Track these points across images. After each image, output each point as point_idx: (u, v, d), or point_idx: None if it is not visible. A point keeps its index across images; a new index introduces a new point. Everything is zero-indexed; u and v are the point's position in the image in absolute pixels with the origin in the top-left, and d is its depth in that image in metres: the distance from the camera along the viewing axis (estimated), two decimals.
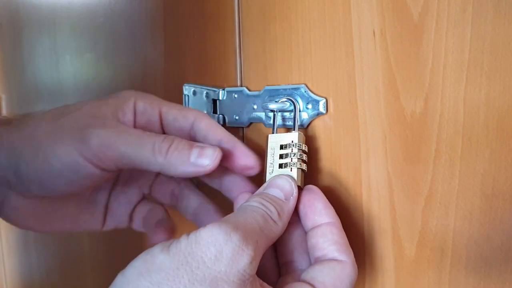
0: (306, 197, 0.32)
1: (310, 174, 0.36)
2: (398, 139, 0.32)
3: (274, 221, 0.29)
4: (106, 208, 0.38)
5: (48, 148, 0.31)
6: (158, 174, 0.39)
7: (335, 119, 0.35)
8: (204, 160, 0.31)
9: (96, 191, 0.38)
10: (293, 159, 0.32)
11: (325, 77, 0.35)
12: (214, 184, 0.37)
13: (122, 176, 0.39)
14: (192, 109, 0.36)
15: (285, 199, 0.31)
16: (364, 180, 0.34)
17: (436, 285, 0.32)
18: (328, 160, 0.36)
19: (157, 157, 0.31)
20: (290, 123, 0.36)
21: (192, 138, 0.35)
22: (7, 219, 0.35)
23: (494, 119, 0.29)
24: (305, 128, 0.36)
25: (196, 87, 0.42)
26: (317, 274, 0.28)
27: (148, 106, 0.35)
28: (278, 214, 0.29)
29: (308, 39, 0.35)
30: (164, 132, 0.35)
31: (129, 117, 0.34)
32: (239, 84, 0.40)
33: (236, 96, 0.40)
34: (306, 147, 0.34)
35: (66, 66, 0.57)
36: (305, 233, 0.32)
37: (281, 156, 0.33)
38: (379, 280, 0.35)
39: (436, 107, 0.31)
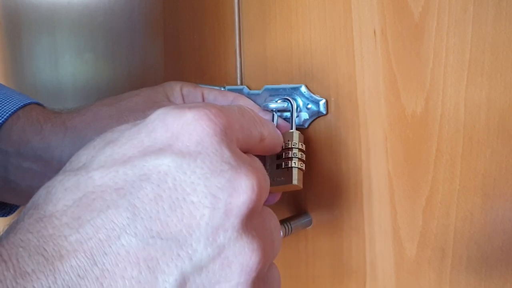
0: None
1: (311, 174, 0.36)
2: (398, 139, 0.32)
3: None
4: None
5: (113, 127, 0.32)
6: None
7: (335, 119, 0.35)
8: None
9: None
10: (293, 159, 0.32)
11: (326, 77, 0.35)
12: None
13: None
14: (231, 92, 0.38)
15: None
16: (365, 180, 0.34)
17: (437, 286, 0.32)
18: (328, 160, 0.36)
19: None
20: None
21: None
22: None
23: (495, 119, 0.29)
24: (305, 128, 0.36)
25: None
26: None
27: (192, 89, 0.37)
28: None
29: (308, 39, 0.35)
30: None
31: (179, 101, 0.36)
32: (239, 83, 0.40)
33: None
34: (304, 146, 0.34)
35: (65, 65, 0.57)
36: None
37: (278, 157, 0.33)
38: (379, 280, 0.35)
39: (437, 107, 0.30)
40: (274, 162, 0.33)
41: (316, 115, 0.36)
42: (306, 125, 0.36)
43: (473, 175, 0.30)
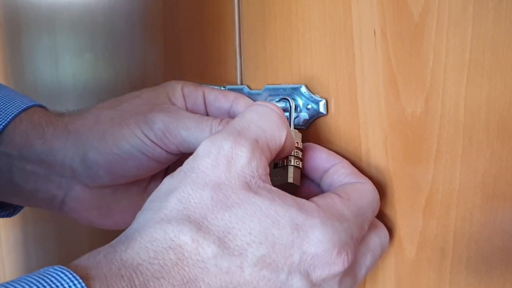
0: (308, 154, 0.33)
1: None
2: (398, 139, 0.32)
3: (279, 123, 0.29)
4: None
5: (115, 131, 0.33)
6: None
7: (335, 120, 0.35)
8: None
9: (153, 179, 0.38)
10: (288, 157, 0.32)
11: (326, 77, 0.35)
12: None
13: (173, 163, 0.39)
14: (232, 91, 0.37)
15: None
16: None
17: (437, 285, 0.32)
18: None
19: None
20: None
21: (231, 116, 0.36)
22: (71, 212, 0.35)
23: (495, 119, 0.29)
24: (305, 129, 0.36)
25: None
26: (338, 188, 0.30)
27: (193, 89, 0.36)
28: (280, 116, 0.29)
29: (308, 39, 0.35)
30: (206, 112, 0.37)
31: (180, 102, 0.36)
32: (239, 83, 0.40)
33: None
34: (302, 144, 0.34)
35: (65, 66, 0.57)
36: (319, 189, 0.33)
37: None
38: (379, 280, 0.35)
39: (437, 107, 0.30)
40: (272, 162, 0.33)
41: (316, 116, 0.36)
42: (306, 126, 0.36)
43: (473, 175, 0.30)
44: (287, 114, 0.36)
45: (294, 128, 0.35)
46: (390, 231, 0.34)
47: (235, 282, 0.23)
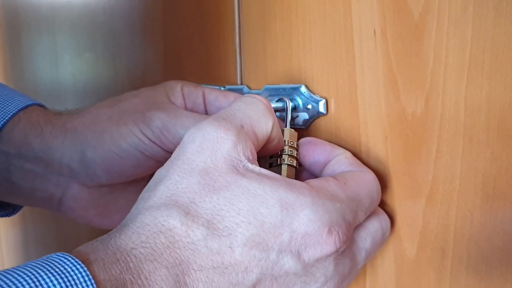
0: (310, 150, 0.33)
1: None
2: (398, 139, 0.32)
3: (264, 110, 0.29)
4: None
5: (113, 130, 0.33)
6: None
7: (335, 119, 0.35)
8: None
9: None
10: (282, 156, 0.32)
11: (326, 77, 0.35)
12: None
13: None
14: (232, 92, 0.37)
15: None
16: None
17: (437, 286, 0.32)
18: None
19: None
20: (291, 122, 0.36)
21: None
22: (69, 211, 0.36)
23: (495, 119, 0.29)
24: (305, 129, 0.36)
25: None
26: (337, 174, 0.30)
27: (193, 89, 0.36)
28: (267, 107, 0.30)
29: (308, 39, 0.35)
30: (206, 112, 0.37)
31: (180, 101, 0.36)
32: (239, 83, 0.40)
33: None
34: (296, 143, 0.33)
35: (65, 65, 0.57)
36: None
37: (271, 156, 0.33)
38: (379, 280, 0.35)
39: (437, 107, 0.30)
40: (267, 161, 0.33)
41: (316, 115, 0.36)
42: (306, 125, 0.36)
43: (473, 175, 0.30)
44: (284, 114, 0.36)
45: (291, 127, 0.35)
46: (390, 231, 0.34)
47: (227, 263, 0.24)
